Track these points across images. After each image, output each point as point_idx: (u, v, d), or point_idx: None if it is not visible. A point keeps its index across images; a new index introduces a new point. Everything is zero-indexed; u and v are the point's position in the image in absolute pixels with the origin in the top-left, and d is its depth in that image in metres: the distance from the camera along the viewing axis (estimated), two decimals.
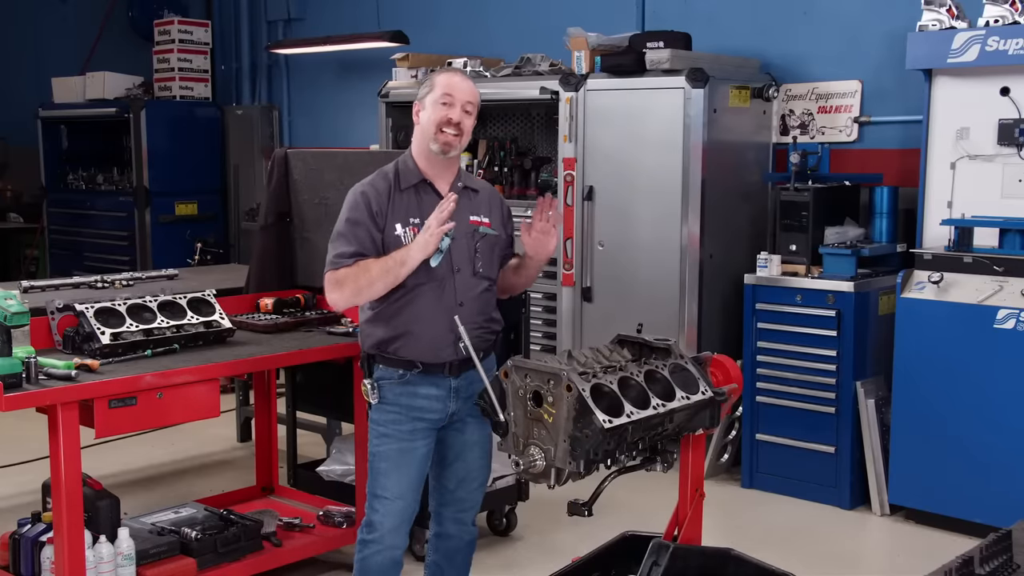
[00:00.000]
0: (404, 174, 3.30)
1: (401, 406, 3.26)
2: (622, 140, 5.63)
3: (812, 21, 5.84)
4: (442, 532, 3.48)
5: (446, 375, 3.26)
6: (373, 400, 3.29)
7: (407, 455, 3.27)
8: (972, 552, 1.88)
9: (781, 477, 5.22)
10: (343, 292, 3.21)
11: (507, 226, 3.46)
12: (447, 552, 3.51)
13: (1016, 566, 1.91)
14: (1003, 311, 4.48)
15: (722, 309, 5.55)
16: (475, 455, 3.41)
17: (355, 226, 3.23)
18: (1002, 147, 4.83)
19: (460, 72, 3.38)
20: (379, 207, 3.23)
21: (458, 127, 3.25)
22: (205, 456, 6.00)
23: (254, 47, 8.95)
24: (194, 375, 3.59)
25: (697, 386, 2.99)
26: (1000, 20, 4.72)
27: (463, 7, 7.49)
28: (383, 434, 3.28)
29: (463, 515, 3.47)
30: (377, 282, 3.16)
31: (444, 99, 3.24)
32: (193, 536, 3.86)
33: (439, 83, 3.28)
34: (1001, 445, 4.52)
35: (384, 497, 3.28)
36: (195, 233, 8.25)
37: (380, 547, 3.29)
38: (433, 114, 3.24)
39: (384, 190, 3.26)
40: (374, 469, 3.31)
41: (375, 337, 3.28)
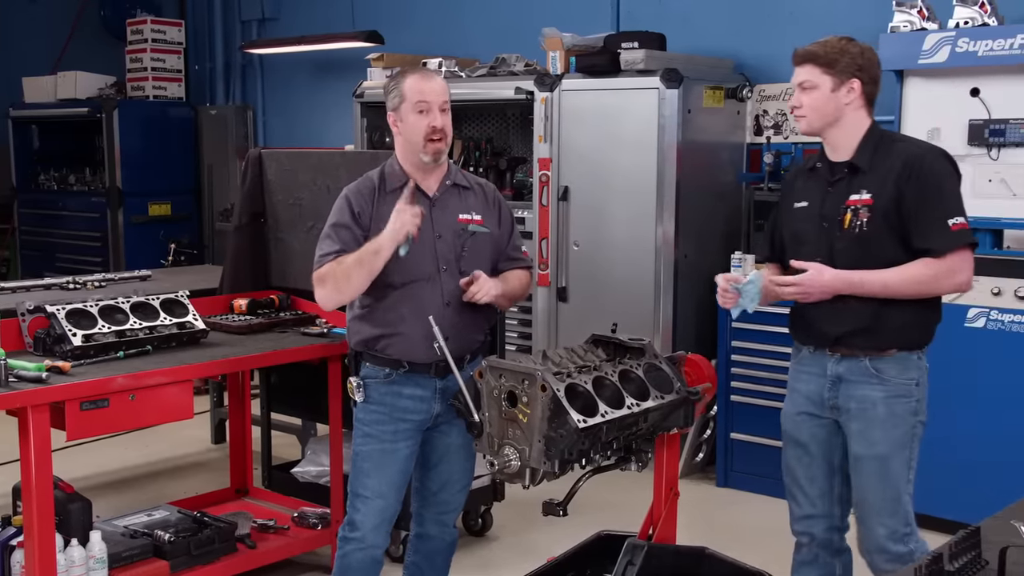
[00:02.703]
0: (390, 177, 3.31)
1: (385, 406, 3.27)
2: (597, 140, 5.65)
3: (785, 22, 5.87)
4: (423, 533, 3.49)
5: (431, 376, 3.26)
6: (358, 398, 3.30)
7: (389, 456, 3.28)
8: (942, 549, 1.90)
9: (756, 476, 5.25)
10: (325, 288, 3.22)
11: (504, 222, 3.43)
12: (427, 553, 3.52)
13: (984, 562, 1.93)
14: (973, 310, 4.52)
15: (697, 309, 5.58)
16: (459, 458, 3.41)
17: (338, 228, 3.25)
18: (972, 147, 4.87)
19: (423, 72, 3.32)
20: (360, 208, 3.24)
21: (442, 131, 3.23)
22: (179, 458, 5.96)
23: (228, 47, 8.90)
24: (167, 377, 3.57)
25: (671, 385, 3.00)
26: (970, 22, 4.77)
27: (438, 7, 7.48)
28: (367, 434, 3.30)
29: (444, 517, 3.48)
30: (353, 273, 3.15)
31: (420, 107, 3.20)
32: (166, 539, 3.84)
33: (409, 90, 3.22)
34: (970, 443, 4.57)
35: (365, 496, 3.29)
36: (169, 234, 8.19)
37: (361, 545, 3.30)
38: (416, 125, 3.21)
39: (368, 192, 3.28)
40: (357, 468, 3.33)
41: (362, 335, 3.29)
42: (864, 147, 3.06)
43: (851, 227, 3.02)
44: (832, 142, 3.11)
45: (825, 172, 3.13)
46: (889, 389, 3.03)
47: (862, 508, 3.10)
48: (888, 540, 3.03)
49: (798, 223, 3.18)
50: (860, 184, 3.03)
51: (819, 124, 3.09)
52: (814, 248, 3.08)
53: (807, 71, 3.06)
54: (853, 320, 3.02)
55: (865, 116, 3.08)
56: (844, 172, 3.07)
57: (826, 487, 3.18)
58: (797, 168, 3.42)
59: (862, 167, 3.04)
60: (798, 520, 3.24)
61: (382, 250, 3.13)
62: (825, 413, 3.14)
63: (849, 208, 3.03)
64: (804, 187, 3.21)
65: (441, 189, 3.31)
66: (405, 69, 3.33)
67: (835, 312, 3.03)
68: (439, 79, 3.29)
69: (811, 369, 3.17)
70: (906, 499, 3.05)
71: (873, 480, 3.05)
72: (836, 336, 3.06)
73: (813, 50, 3.07)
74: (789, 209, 3.23)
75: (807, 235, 3.13)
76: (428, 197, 3.28)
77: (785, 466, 3.27)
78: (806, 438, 3.19)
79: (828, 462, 3.17)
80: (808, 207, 3.15)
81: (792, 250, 3.17)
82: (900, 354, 3.04)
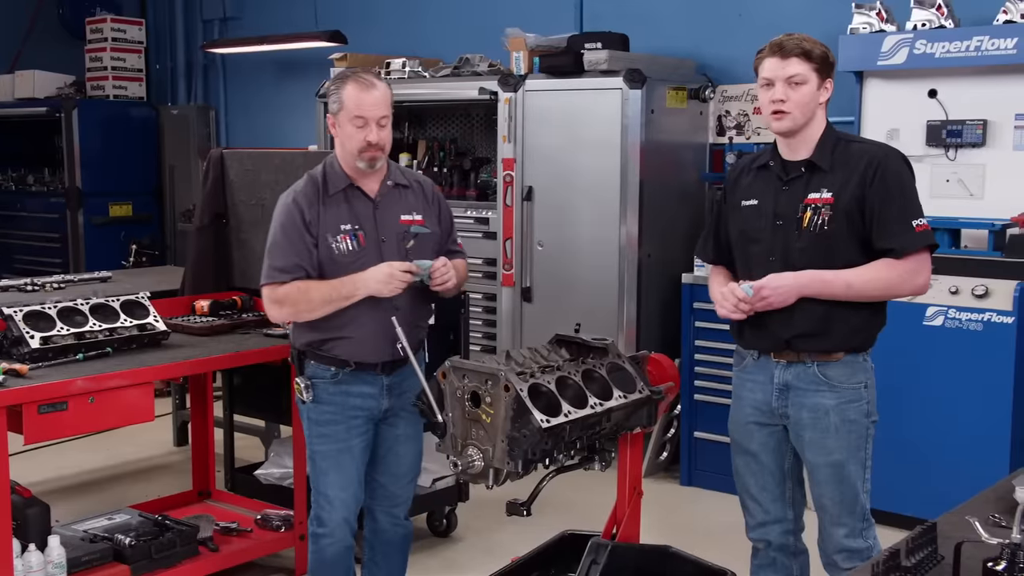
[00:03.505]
0: (331, 179, 3.27)
1: (336, 405, 3.28)
2: (561, 140, 5.66)
3: (746, 23, 5.92)
4: (377, 528, 3.52)
5: (378, 374, 3.28)
6: (307, 398, 3.29)
7: (345, 454, 3.31)
8: (899, 545, 1.92)
9: (719, 475, 5.27)
10: (282, 310, 3.23)
11: (444, 219, 3.45)
12: (383, 548, 3.54)
13: (940, 557, 1.96)
14: (932, 309, 4.58)
15: (660, 308, 5.60)
16: (406, 449, 3.43)
17: (289, 237, 3.21)
18: (930, 148, 4.94)
19: (364, 83, 3.18)
20: (311, 217, 3.21)
21: (378, 145, 3.21)
22: (141, 461, 5.90)
23: (189, 46, 8.83)
24: (127, 379, 3.53)
25: (634, 385, 3.01)
26: (927, 24, 4.83)
27: (401, 7, 7.46)
28: (322, 434, 3.31)
29: (395, 509, 3.50)
30: (318, 309, 3.18)
31: (356, 122, 3.17)
32: (127, 543, 3.79)
33: (348, 100, 3.17)
34: (930, 440, 4.62)
35: (328, 494, 3.33)
36: (130, 235, 8.13)
37: (332, 540, 3.36)
38: (352, 136, 3.19)
39: (314, 197, 3.24)
40: (316, 467, 3.35)
41: (308, 336, 3.28)
42: (823, 146, 3.00)
43: (811, 226, 2.95)
44: (797, 141, 3.01)
45: (778, 170, 3.04)
46: (840, 395, 2.99)
47: (821, 512, 3.09)
48: (847, 538, 3.03)
49: (748, 221, 3.08)
50: (820, 183, 2.97)
51: (802, 122, 2.96)
52: (767, 247, 3.01)
53: (798, 65, 2.93)
54: (804, 322, 2.96)
55: (824, 116, 3.06)
56: (801, 171, 3.00)
57: (778, 493, 3.14)
58: (741, 165, 3.25)
59: (822, 166, 2.98)
60: (753, 528, 3.20)
61: (354, 297, 3.15)
62: (775, 421, 3.09)
63: (809, 206, 2.96)
64: (752, 185, 3.11)
65: (382, 191, 3.30)
66: (346, 74, 3.23)
67: (786, 314, 2.96)
68: (379, 90, 3.20)
69: (757, 377, 3.10)
70: (863, 497, 3.06)
71: (831, 486, 3.03)
72: (787, 339, 2.99)
73: (804, 45, 2.95)
74: (736, 207, 3.14)
75: (759, 233, 3.04)
76: (371, 200, 3.28)
77: (736, 475, 3.22)
78: (756, 447, 3.13)
79: (779, 468, 3.13)
80: (759, 205, 3.05)
81: (741, 249, 3.10)
82: (847, 357, 3.00)
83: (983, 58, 4.67)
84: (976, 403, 4.52)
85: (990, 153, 4.84)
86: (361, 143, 3.18)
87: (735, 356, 3.23)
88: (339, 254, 3.20)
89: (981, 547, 1.91)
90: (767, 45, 3.02)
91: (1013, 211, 4.68)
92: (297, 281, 3.18)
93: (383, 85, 3.24)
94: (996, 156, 4.82)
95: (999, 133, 4.81)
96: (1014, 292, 4.42)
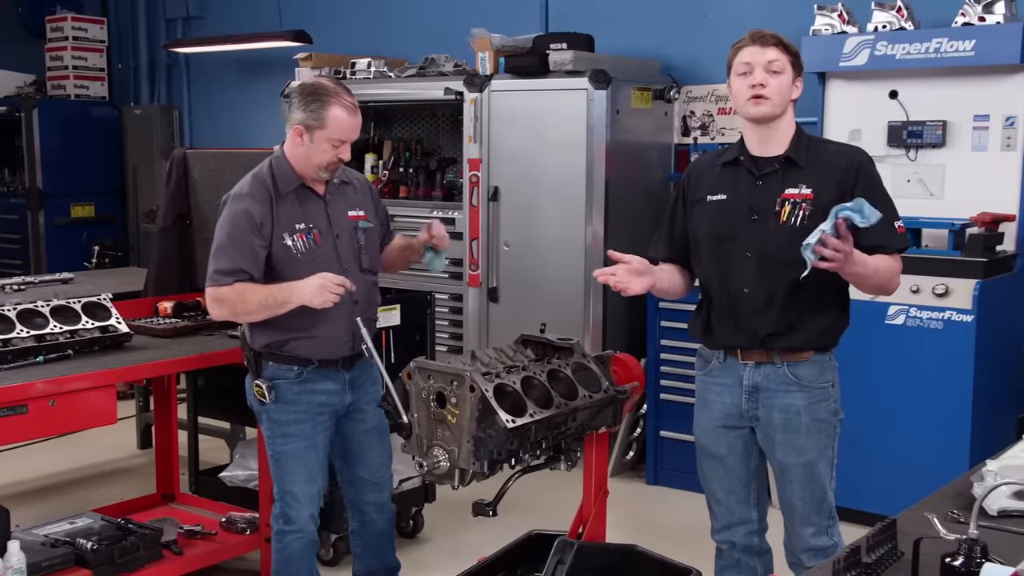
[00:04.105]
0: (281, 179, 3.28)
1: (301, 404, 3.30)
2: (527, 141, 5.66)
3: (710, 24, 5.95)
4: (365, 520, 3.59)
5: (339, 369, 3.32)
6: (269, 400, 3.30)
7: (312, 451, 3.36)
8: (859, 542, 1.94)
9: (685, 473, 5.29)
10: (222, 309, 3.26)
11: (380, 211, 3.53)
12: (373, 538, 3.63)
13: (900, 553, 1.98)
14: (894, 307, 4.63)
15: (626, 308, 5.62)
16: (377, 441, 3.51)
17: (235, 241, 3.21)
18: (892, 148, 5.00)
19: (351, 106, 3.24)
20: (262, 219, 3.22)
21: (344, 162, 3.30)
22: (104, 464, 5.84)
23: (152, 45, 8.76)
24: (88, 381, 3.49)
25: (599, 384, 3.03)
26: (888, 26, 4.88)
27: (366, 7, 7.44)
28: (287, 434, 3.33)
29: (381, 496, 3.59)
30: (255, 314, 3.23)
31: (335, 142, 3.22)
32: (89, 547, 3.75)
33: (331, 123, 3.19)
34: (892, 437, 4.67)
35: (297, 492, 3.37)
36: (92, 236, 8.05)
37: (300, 535, 3.41)
38: (323, 154, 3.22)
39: (265, 200, 3.24)
40: (282, 467, 3.37)
41: (268, 337, 3.29)
42: (797, 143, 3.00)
43: (790, 220, 2.94)
44: (769, 135, 2.99)
45: (749, 165, 3.02)
46: (810, 395, 3.00)
47: (790, 512, 3.09)
48: (814, 537, 3.05)
49: (716, 216, 3.03)
50: (797, 179, 2.96)
51: (780, 110, 2.96)
52: (742, 242, 2.98)
53: (777, 53, 2.94)
54: (779, 320, 2.95)
55: (794, 114, 3.05)
56: (775, 166, 2.99)
57: (743, 495, 3.14)
58: (702, 163, 3.21)
59: (798, 162, 2.97)
60: (718, 531, 3.20)
61: (289, 303, 3.17)
62: (743, 423, 3.08)
63: (788, 201, 2.95)
64: (720, 180, 3.06)
65: (330, 189, 3.36)
66: (327, 91, 3.23)
67: (763, 311, 2.96)
68: (359, 113, 3.28)
69: (724, 380, 3.07)
70: (830, 495, 3.08)
71: (801, 486, 3.03)
72: (763, 336, 2.98)
73: (781, 37, 2.97)
74: (699, 203, 3.09)
75: (732, 228, 3.00)
76: (321, 198, 3.33)
77: (702, 478, 3.21)
78: (724, 451, 3.11)
79: (746, 470, 3.13)
80: (729, 200, 3.02)
81: (710, 246, 3.05)
82: (816, 357, 3.01)
83: (942, 60, 4.73)
84: (937, 400, 4.57)
85: (950, 154, 4.90)
86: (332, 160, 3.24)
87: (698, 360, 3.19)
88: (296, 252, 3.23)
89: (939, 543, 1.93)
90: (746, 35, 3.03)
91: (972, 211, 4.75)
92: (238, 283, 3.20)
93: (357, 103, 3.30)
94: (955, 156, 4.89)
95: (958, 134, 4.87)
96: (973, 291, 4.48)
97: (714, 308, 3.08)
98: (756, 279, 2.98)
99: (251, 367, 3.36)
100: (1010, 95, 4.74)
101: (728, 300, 3.03)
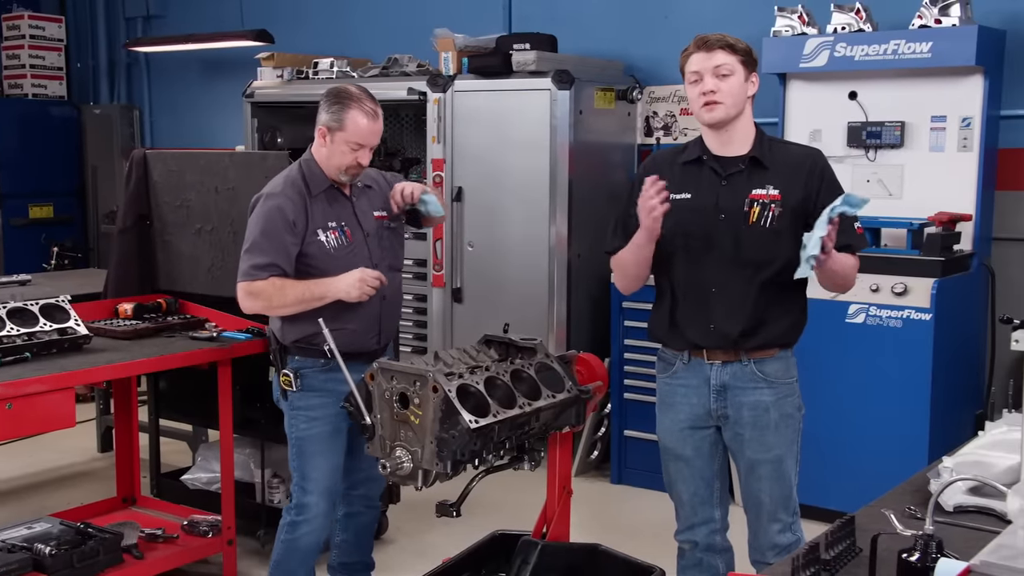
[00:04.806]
0: (312, 180, 3.42)
1: (328, 391, 3.38)
2: (490, 141, 5.66)
3: (672, 25, 5.98)
4: (352, 512, 3.72)
5: (364, 363, 3.29)
6: (296, 388, 3.41)
7: (337, 437, 3.47)
8: (819, 539, 1.96)
9: (649, 472, 5.30)
10: (256, 304, 3.36)
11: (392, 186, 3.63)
12: (356, 530, 3.76)
13: (859, 550, 2.00)
14: (854, 306, 4.68)
15: (590, 308, 5.64)
16: None
17: (269, 237, 3.32)
18: (851, 148, 5.05)
19: (371, 111, 3.36)
20: (296, 217, 3.35)
21: (364, 166, 3.44)
22: (62, 468, 5.77)
23: (112, 44, 8.67)
24: (46, 384, 3.45)
25: (563, 384, 3.03)
26: (847, 27, 4.93)
27: (329, 6, 7.41)
28: (313, 418, 3.44)
29: (373, 493, 3.73)
30: (290, 307, 3.33)
31: (353, 145, 3.35)
32: (47, 552, 3.70)
33: (350, 126, 3.33)
34: (852, 434, 4.73)
35: (316, 478, 3.45)
36: (51, 237, 7.96)
37: (311, 528, 3.48)
38: (343, 156, 3.36)
39: (299, 200, 3.37)
40: (304, 452, 3.46)
41: (299, 331, 3.38)
42: (760, 143, 3.02)
43: (760, 220, 2.95)
44: (729, 136, 3.00)
45: (713, 164, 3.02)
46: (777, 391, 3.02)
47: (756, 509, 3.09)
48: (780, 534, 3.07)
49: (682, 215, 2.99)
50: (763, 179, 2.97)
51: (734, 112, 2.97)
52: (711, 241, 2.97)
53: (723, 56, 2.95)
54: (750, 319, 2.96)
55: (752, 113, 3.06)
56: (741, 166, 3.00)
57: (707, 494, 3.15)
58: (661, 160, 3.17)
59: (764, 162, 2.99)
60: (681, 531, 3.22)
61: (325, 299, 3.30)
62: (709, 423, 3.08)
63: (757, 202, 2.96)
64: (682, 179, 3.03)
65: (354, 191, 3.51)
66: (349, 95, 3.36)
67: (733, 311, 2.96)
68: (380, 118, 3.39)
69: (689, 381, 3.07)
70: (795, 492, 3.10)
71: (770, 482, 3.05)
72: (735, 336, 2.98)
73: (727, 39, 2.98)
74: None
75: (700, 228, 2.98)
76: (348, 198, 3.47)
77: (667, 479, 3.21)
78: (690, 452, 3.11)
79: (711, 470, 3.13)
80: (693, 199, 3.00)
81: (676, 244, 3.02)
82: (781, 353, 3.04)
83: (900, 61, 4.78)
84: (896, 398, 4.63)
85: (908, 154, 4.96)
86: (351, 163, 3.38)
87: (659, 364, 3.18)
88: (331, 248, 3.37)
89: (896, 539, 1.96)
90: (692, 42, 3.04)
91: (930, 211, 4.81)
92: (273, 278, 3.30)
93: (380, 110, 3.41)
94: (914, 157, 4.95)
95: (916, 135, 4.93)
96: (931, 290, 4.54)
97: (680, 308, 3.07)
98: (726, 279, 2.99)
99: (276, 361, 3.49)
100: (966, 96, 4.80)
101: (697, 300, 3.03)
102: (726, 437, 3.10)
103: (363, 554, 3.84)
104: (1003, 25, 4.95)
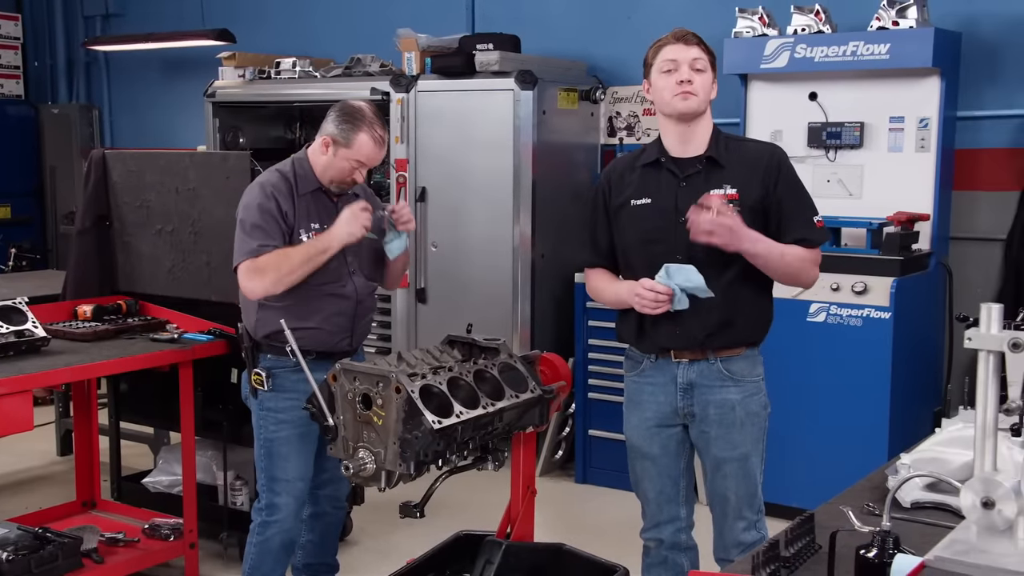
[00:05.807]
0: (302, 179, 3.45)
1: (299, 392, 3.31)
2: (453, 141, 5.66)
3: (635, 26, 6.01)
4: (319, 512, 3.71)
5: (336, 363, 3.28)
6: (267, 388, 3.40)
7: (305, 439, 3.45)
8: (779, 536, 1.98)
9: (614, 472, 5.34)
10: (264, 280, 3.31)
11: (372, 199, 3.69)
12: (322, 531, 3.76)
13: (818, 547, 2.02)
14: (815, 305, 4.73)
15: (554, 308, 5.65)
16: None
17: (265, 220, 3.34)
18: (812, 149, 5.10)
19: (380, 138, 3.41)
20: (287, 208, 3.39)
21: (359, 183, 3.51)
22: (21, 472, 5.69)
23: (70, 43, 8.56)
24: (3, 387, 3.39)
25: (526, 384, 3.03)
26: (807, 29, 4.98)
27: (291, 5, 7.37)
28: (282, 420, 3.43)
29: (340, 494, 3.74)
30: (299, 270, 3.32)
31: (355, 163, 3.39)
32: (4, 558, 3.65)
33: (357, 146, 3.37)
34: (813, 432, 4.77)
35: (285, 480, 3.45)
36: (9, 238, 7.84)
37: (281, 528, 3.48)
38: (342, 171, 3.41)
39: (287, 192, 3.41)
40: (273, 454, 3.46)
41: (270, 326, 3.35)
42: (716, 142, 3.02)
43: None
44: (690, 135, 3.00)
45: (671, 166, 3.01)
46: (744, 389, 3.03)
47: (723, 507, 3.10)
48: (745, 532, 3.08)
49: (644, 220, 3.01)
50: (720, 179, 2.97)
51: (704, 107, 2.98)
52: (671, 245, 2.95)
53: (700, 52, 2.98)
54: (716, 319, 2.96)
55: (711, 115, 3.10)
56: (698, 167, 2.99)
57: (673, 493, 3.15)
58: (621, 165, 3.18)
59: (721, 162, 2.99)
60: (647, 529, 3.22)
61: (330, 250, 3.33)
62: (676, 421, 3.09)
63: None
64: (642, 183, 3.05)
65: (342, 197, 3.52)
66: (362, 116, 3.39)
67: (699, 313, 2.94)
68: (386, 146, 3.46)
69: (656, 380, 3.08)
70: (760, 490, 3.12)
71: (736, 480, 3.06)
72: (702, 338, 2.98)
73: (701, 39, 3.01)
74: (623, 207, 3.07)
75: (661, 232, 2.98)
76: (334, 202, 3.48)
77: (633, 479, 3.21)
78: (657, 451, 3.12)
79: (677, 469, 3.14)
80: (654, 203, 3.01)
81: (641, 250, 3.03)
82: (747, 351, 3.06)
83: (859, 63, 4.84)
84: (856, 396, 4.68)
85: (867, 154, 5.02)
86: (347, 178, 3.43)
87: (627, 362, 3.19)
88: None
89: (855, 535, 1.98)
90: (668, 34, 3.04)
91: (889, 210, 4.86)
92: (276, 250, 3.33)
93: (387, 137, 3.48)
94: (873, 157, 5.01)
95: (875, 135, 4.99)
96: (891, 288, 4.59)
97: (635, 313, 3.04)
98: None
99: (248, 359, 3.47)
100: (923, 97, 4.87)
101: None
102: (692, 435, 3.11)
103: (328, 555, 3.84)
104: (959, 27, 5.02)
